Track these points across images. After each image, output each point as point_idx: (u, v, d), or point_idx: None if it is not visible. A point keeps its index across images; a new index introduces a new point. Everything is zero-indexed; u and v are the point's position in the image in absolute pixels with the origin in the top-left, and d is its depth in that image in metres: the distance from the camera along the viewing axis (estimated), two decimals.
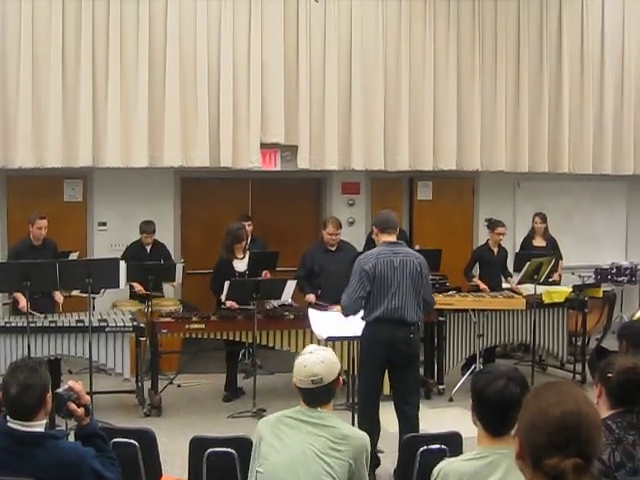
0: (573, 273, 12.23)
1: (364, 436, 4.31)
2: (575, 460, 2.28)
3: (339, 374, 4.29)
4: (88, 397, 4.28)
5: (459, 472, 3.50)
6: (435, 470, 3.61)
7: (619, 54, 13.36)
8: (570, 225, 13.67)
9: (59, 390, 4.19)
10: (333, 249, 10.29)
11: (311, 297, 10.06)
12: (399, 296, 7.17)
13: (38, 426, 4.03)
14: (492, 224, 11.20)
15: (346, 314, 7.32)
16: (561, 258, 11.78)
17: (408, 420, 7.28)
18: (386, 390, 7.88)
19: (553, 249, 11.64)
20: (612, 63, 13.29)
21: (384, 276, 7.15)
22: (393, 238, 7.42)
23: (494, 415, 3.51)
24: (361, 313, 7.35)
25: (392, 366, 7.34)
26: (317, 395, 4.20)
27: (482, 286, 10.82)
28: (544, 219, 11.81)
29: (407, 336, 7.25)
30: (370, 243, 11.46)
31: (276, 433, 4.19)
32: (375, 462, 7.37)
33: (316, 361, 4.21)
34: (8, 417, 4.01)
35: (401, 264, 7.20)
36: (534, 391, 2.53)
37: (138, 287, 10.53)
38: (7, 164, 10.94)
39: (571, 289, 10.66)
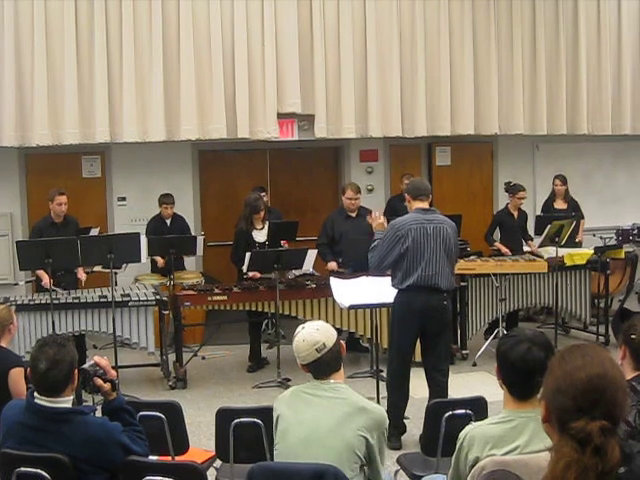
0: (594, 235, 12.14)
1: (380, 410, 4.26)
2: (601, 422, 2.28)
3: (338, 339, 4.26)
4: (114, 372, 4.31)
5: (485, 436, 3.51)
6: (461, 434, 3.61)
7: (636, 13, 13.21)
8: (590, 187, 13.60)
9: (85, 366, 4.22)
10: (353, 215, 10.26)
11: (333, 265, 10.05)
12: (433, 263, 7.14)
13: (65, 402, 4.06)
14: (512, 188, 11.12)
15: (372, 267, 7.36)
16: (583, 218, 11.72)
17: (439, 386, 7.30)
18: (416, 357, 7.89)
19: (574, 211, 11.56)
20: (629, 21, 13.14)
21: (418, 243, 7.11)
22: (426, 205, 7.37)
23: (518, 379, 3.51)
24: (389, 281, 7.35)
25: (424, 334, 7.34)
26: (326, 363, 4.16)
27: (504, 250, 10.78)
28: (564, 181, 11.73)
29: (441, 303, 7.25)
30: (390, 210, 11.51)
31: (292, 409, 4.18)
32: (401, 429, 7.41)
33: (311, 331, 4.20)
34: (35, 394, 4.05)
35: (434, 231, 7.17)
36: (559, 355, 2.52)
37: (160, 261, 10.57)
38: (25, 142, 10.96)
39: (593, 251, 10.61)
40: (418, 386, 7.54)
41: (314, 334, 4.18)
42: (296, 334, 4.25)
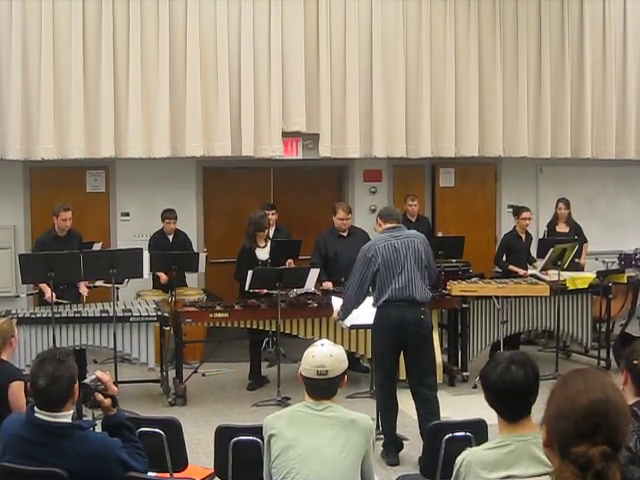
0: (597, 259, 12.16)
1: (368, 419, 4.38)
2: (603, 448, 2.28)
3: (345, 372, 4.34)
4: (115, 388, 4.30)
5: (481, 462, 3.50)
6: (458, 460, 3.61)
7: None
8: (593, 211, 13.61)
9: (86, 381, 4.22)
10: (345, 234, 10.28)
11: (328, 285, 10.06)
12: (405, 276, 7.26)
13: (65, 417, 4.06)
14: (517, 210, 11.15)
15: (347, 307, 7.49)
16: (586, 242, 11.71)
17: (426, 401, 7.32)
18: (402, 375, 7.90)
19: (577, 235, 11.56)
20: (635, 46, 13.18)
21: (387, 260, 7.26)
22: (394, 225, 7.50)
23: (502, 400, 3.53)
24: (371, 300, 7.42)
25: (405, 348, 7.40)
26: (320, 387, 4.26)
27: (521, 272, 10.73)
28: (568, 205, 11.72)
29: (417, 317, 7.30)
30: None
31: (289, 427, 4.24)
32: (398, 445, 7.42)
33: (325, 353, 4.29)
34: (36, 408, 4.04)
35: (403, 245, 7.32)
36: (561, 379, 2.53)
37: (163, 277, 10.58)
38: (30, 156, 10.98)
39: (595, 275, 10.61)
40: (413, 407, 7.51)
41: (325, 358, 4.26)
42: (313, 345, 4.40)
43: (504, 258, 11.13)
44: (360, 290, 7.35)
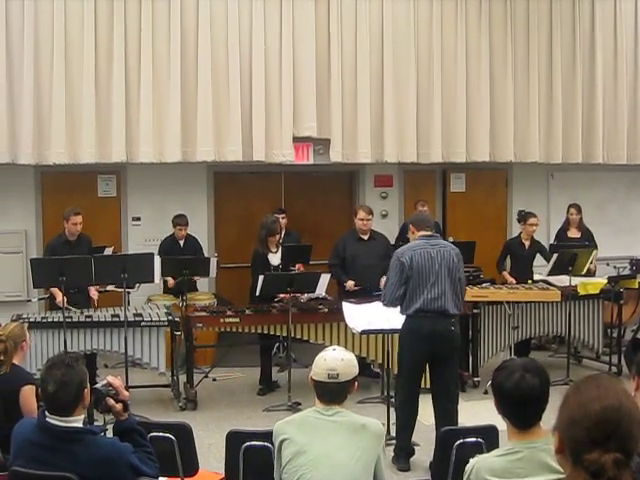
0: (608, 264, 12.11)
1: (379, 424, 4.40)
2: (615, 455, 2.27)
3: (355, 378, 4.36)
4: (127, 393, 4.31)
5: (491, 469, 3.50)
6: (467, 467, 3.61)
7: None
8: (604, 216, 13.57)
9: (98, 385, 4.23)
10: (365, 237, 10.25)
11: (351, 284, 10.00)
12: (438, 286, 7.16)
13: (76, 421, 4.06)
14: (523, 216, 11.11)
15: (387, 305, 7.36)
16: (596, 248, 11.68)
17: (447, 413, 7.26)
18: (423, 383, 7.87)
19: (588, 240, 11.53)
20: None
21: (422, 267, 7.15)
22: (429, 233, 7.43)
23: (515, 408, 3.52)
24: (398, 307, 7.36)
25: (433, 359, 7.32)
26: (330, 391, 4.27)
27: (509, 279, 10.75)
28: (579, 210, 11.70)
29: (448, 329, 7.23)
30: (403, 235, 11.49)
31: (300, 432, 4.24)
32: (409, 451, 7.40)
33: (336, 357, 4.32)
34: (47, 412, 4.05)
35: (438, 254, 7.23)
36: (574, 386, 2.52)
37: (170, 282, 10.58)
38: (41, 161, 11.00)
39: (606, 280, 10.58)
40: (428, 412, 7.50)
41: (336, 362, 4.29)
42: (325, 350, 4.44)
43: (508, 264, 11.12)
44: (393, 296, 7.25)
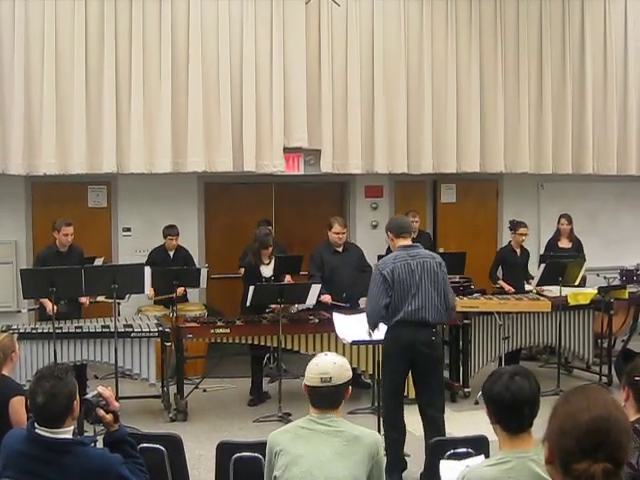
0: (598, 275, 12.15)
1: (374, 434, 4.38)
2: (605, 465, 2.28)
3: (349, 382, 4.33)
4: (117, 403, 4.29)
5: (481, 478, 3.50)
6: (458, 477, 3.61)
7: None
8: (595, 227, 13.61)
9: (88, 396, 4.21)
10: (340, 249, 10.27)
11: (327, 298, 10.00)
12: (420, 297, 7.17)
13: (65, 433, 4.05)
14: (514, 225, 11.17)
15: (371, 323, 7.33)
16: (584, 260, 11.70)
17: (433, 423, 7.26)
18: (411, 394, 7.87)
19: (578, 251, 11.57)
20: (636, 62, 13.20)
21: (403, 279, 7.16)
22: (408, 241, 7.49)
23: (506, 409, 3.54)
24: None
25: (415, 369, 7.34)
26: (324, 396, 4.24)
27: (507, 288, 10.80)
28: (570, 220, 11.74)
29: (429, 338, 7.23)
30: None
31: (292, 443, 4.22)
32: (402, 465, 7.38)
33: (329, 362, 4.31)
34: (36, 424, 4.04)
35: (419, 266, 7.23)
36: (563, 396, 2.52)
37: (151, 293, 10.53)
38: (32, 171, 10.99)
39: (596, 291, 10.60)
40: (418, 423, 7.49)
41: (328, 365, 4.28)
42: (317, 356, 4.42)
43: (500, 273, 11.15)
44: (377, 306, 7.21)
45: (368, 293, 7.39)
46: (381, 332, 7.45)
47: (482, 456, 4.86)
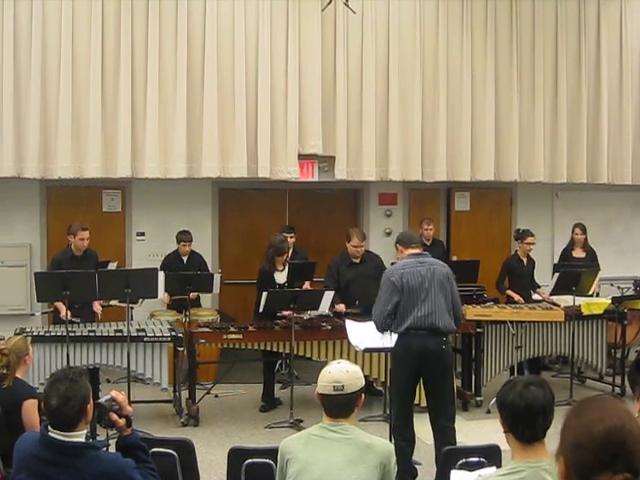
0: (612, 284, 12.11)
1: (387, 444, 4.39)
2: (625, 475, 2.27)
3: (362, 390, 4.34)
4: (130, 408, 4.30)
5: None
6: None
7: None
8: (609, 236, 13.56)
9: (101, 400, 4.22)
10: (357, 261, 10.25)
11: (341, 307, 10.02)
12: (428, 303, 7.14)
13: (78, 436, 4.05)
14: (521, 234, 11.13)
15: (379, 329, 7.32)
16: (599, 269, 11.66)
17: (443, 433, 7.23)
18: (422, 402, 7.85)
19: (592, 260, 11.53)
20: None
21: (412, 285, 7.14)
22: (418, 250, 7.44)
23: (519, 418, 3.50)
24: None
25: (425, 378, 7.31)
26: (337, 404, 4.25)
27: (516, 297, 10.76)
28: (584, 230, 11.68)
29: (439, 347, 7.20)
30: None
31: (304, 451, 4.22)
32: (412, 473, 7.36)
33: (341, 370, 4.31)
34: (49, 427, 4.05)
35: (428, 272, 7.21)
36: (575, 408, 2.51)
37: (166, 298, 10.54)
38: (47, 175, 11.03)
39: (610, 301, 10.57)
40: (429, 432, 7.47)
41: (341, 373, 4.28)
42: (329, 364, 4.43)
43: (507, 282, 11.12)
44: (384, 314, 7.20)
45: (376, 299, 7.38)
46: (393, 339, 7.44)
47: (494, 467, 4.84)
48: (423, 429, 7.51)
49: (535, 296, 10.98)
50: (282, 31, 11.58)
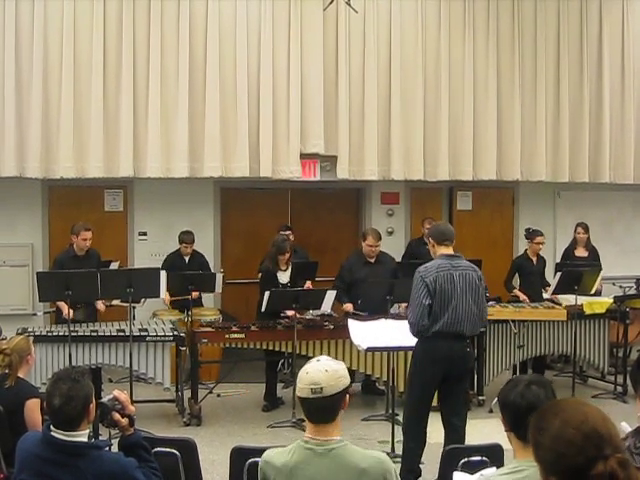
0: (614, 284, 12.10)
1: (382, 461, 3.85)
2: (616, 457, 2.31)
3: (345, 390, 3.80)
4: (133, 407, 4.30)
5: None
6: None
7: None
8: (611, 235, 13.55)
9: (104, 400, 4.22)
10: (372, 261, 10.24)
11: (349, 306, 10.00)
12: (459, 310, 7.04)
13: (81, 436, 4.05)
14: (531, 234, 11.12)
15: (415, 331, 7.09)
16: (601, 269, 11.65)
17: (456, 432, 7.19)
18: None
19: (595, 259, 11.52)
20: None
21: (445, 289, 7.02)
22: (450, 250, 7.30)
23: (521, 417, 3.49)
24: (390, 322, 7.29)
25: (445, 379, 7.22)
26: (316, 408, 3.76)
27: (522, 297, 10.75)
28: (586, 229, 11.67)
29: (463, 350, 7.16)
30: (410, 253, 11.52)
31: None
32: (416, 472, 7.34)
33: (319, 369, 3.76)
34: (52, 426, 4.05)
35: (460, 277, 7.09)
36: (535, 426, 2.57)
37: (167, 299, 10.55)
38: (49, 175, 11.04)
39: (612, 300, 10.57)
40: (433, 431, 7.45)
41: (319, 374, 3.75)
42: (309, 362, 3.89)
43: (517, 282, 11.11)
44: (421, 315, 6.99)
45: (410, 299, 7.18)
46: (397, 338, 7.42)
47: (494, 468, 4.84)
48: (429, 429, 7.49)
49: (545, 295, 10.94)
50: (284, 30, 11.58)
